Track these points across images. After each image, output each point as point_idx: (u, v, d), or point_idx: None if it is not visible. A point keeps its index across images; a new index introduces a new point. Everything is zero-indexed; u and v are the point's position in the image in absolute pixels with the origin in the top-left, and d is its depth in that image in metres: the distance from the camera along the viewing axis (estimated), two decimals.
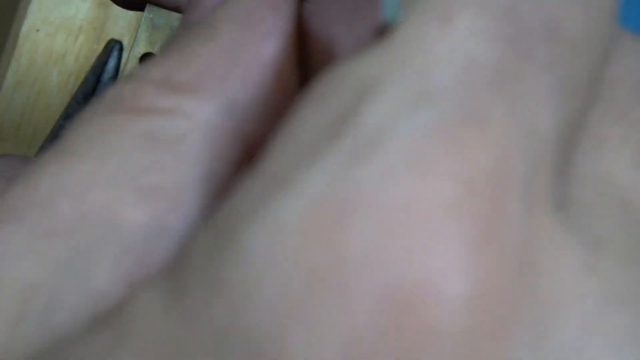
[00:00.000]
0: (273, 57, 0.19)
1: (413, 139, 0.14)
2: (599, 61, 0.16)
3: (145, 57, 0.34)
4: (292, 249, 0.14)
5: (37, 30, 0.53)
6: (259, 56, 0.18)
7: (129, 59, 0.34)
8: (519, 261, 0.14)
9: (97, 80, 0.51)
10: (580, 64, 0.16)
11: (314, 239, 0.13)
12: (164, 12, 0.34)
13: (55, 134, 0.51)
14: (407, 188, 0.14)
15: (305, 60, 0.19)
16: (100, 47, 0.52)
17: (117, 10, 0.46)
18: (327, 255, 0.13)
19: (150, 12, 0.34)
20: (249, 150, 0.18)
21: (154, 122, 0.18)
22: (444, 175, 0.14)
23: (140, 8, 0.34)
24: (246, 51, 0.18)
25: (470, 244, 0.13)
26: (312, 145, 0.14)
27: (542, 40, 0.15)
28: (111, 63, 0.51)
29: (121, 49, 0.52)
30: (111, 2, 0.47)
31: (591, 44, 0.16)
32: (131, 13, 0.44)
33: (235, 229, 0.14)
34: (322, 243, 0.13)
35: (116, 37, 0.52)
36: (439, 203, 0.14)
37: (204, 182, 0.17)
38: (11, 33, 0.53)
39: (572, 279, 0.15)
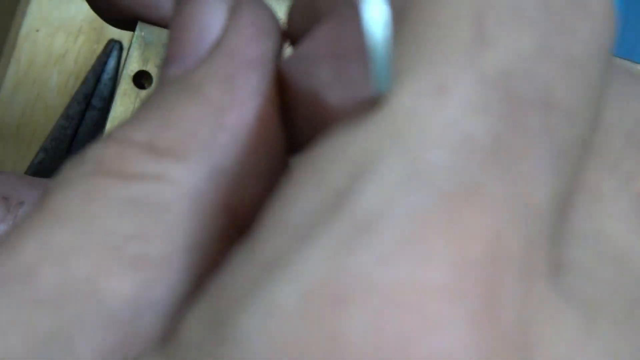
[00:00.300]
0: (258, 120, 0.18)
1: (407, 222, 0.14)
2: (592, 125, 0.16)
3: (139, 75, 0.34)
4: (289, 334, 0.13)
5: (37, 31, 0.53)
6: (243, 119, 0.18)
7: (122, 77, 0.34)
8: (517, 339, 0.14)
9: (97, 81, 0.51)
10: (574, 131, 0.15)
11: (310, 325, 0.13)
12: (156, 29, 0.34)
13: (55, 134, 0.51)
14: (403, 273, 0.13)
15: (289, 116, 0.19)
16: (100, 48, 0.53)
17: None
18: (324, 342, 0.13)
19: (142, 29, 0.34)
20: (236, 218, 0.18)
21: (139, 188, 0.17)
22: (439, 259, 0.14)
23: (131, 28, 0.34)
24: (231, 114, 0.18)
25: (467, 328, 0.13)
26: (307, 227, 0.14)
27: (536, 110, 0.15)
28: (111, 63, 0.51)
29: (121, 49, 0.52)
30: None
31: (584, 110, 0.16)
32: None
33: (231, 311, 0.14)
34: (319, 329, 0.13)
35: (116, 37, 0.52)
36: (435, 288, 0.13)
37: (190, 252, 0.17)
38: (11, 33, 0.53)
39: (570, 348, 0.14)
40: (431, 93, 0.15)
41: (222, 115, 0.18)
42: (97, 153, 0.17)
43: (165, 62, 0.19)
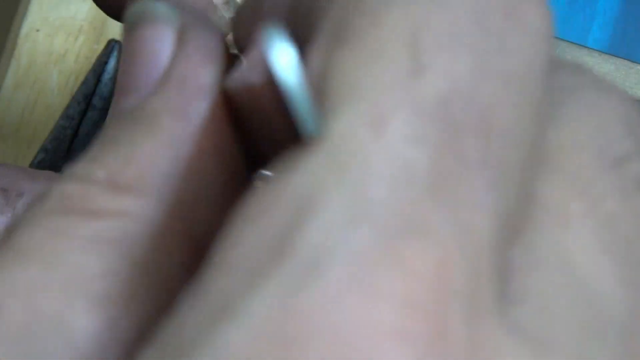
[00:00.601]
0: (215, 147, 0.18)
1: (352, 260, 0.14)
2: (531, 145, 0.16)
3: None
4: None
5: (37, 31, 0.53)
6: (201, 148, 0.18)
7: None
8: None
9: (97, 80, 0.51)
10: (513, 154, 0.15)
11: None
12: None
13: (55, 134, 0.51)
14: (351, 314, 0.14)
15: (244, 133, 0.19)
16: (100, 47, 0.53)
17: None
18: None
19: None
20: (198, 252, 0.18)
21: (101, 225, 0.17)
22: (386, 298, 0.14)
23: None
24: (188, 145, 0.18)
25: None
26: (253, 269, 0.14)
27: (475, 135, 0.15)
28: (111, 63, 0.51)
29: (121, 49, 0.52)
30: None
31: (525, 128, 0.16)
32: None
33: (181, 354, 0.14)
34: None
35: (116, 37, 0.52)
36: (382, 327, 0.13)
37: (155, 288, 0.17)
38: (11, 33, 0.53)
39: None
40: (370, 124, 0.15)
41: (179, 147, 0.18)
42: (60, 190, 0.18)
43: (118, 93, 0.19)
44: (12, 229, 0.18)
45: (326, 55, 0.15)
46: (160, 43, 0.19)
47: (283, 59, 0.15)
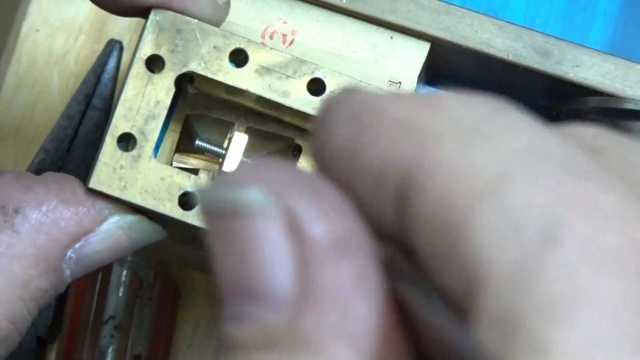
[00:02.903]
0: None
1: None
2: None
3: (151, 59, 0.34)
4: None
5: (37, 31, 0.53)
6: None
7: (135, 60, 0.34)
8: None
9: (97, 80, 0.51)
10: None
11: None
12: (170, 14, 0.34)
13: (55, 134, 0.51)
14: None
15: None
16: (100, 48, 0.52)
17: None
18: None
19: (157, 14, 0.34)
20: None
21: None
22: None
23: (141, 15, 0.34)
24: None
25: None
26: None
27: None
28: (111, 63, 0.51)
29: (121, 49, 0.52)
30: None
31: None
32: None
33: None
34: None
35: (116, 37, 0.52)
36: None
37: None
38: (11, 33, 0.53)
39: None
40: None
41: None
42: None
43: (229, 294, 0.17)
44: None
45: None
46: (271, 243, 0.17)
47: None
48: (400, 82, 0.39)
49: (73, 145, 0.50)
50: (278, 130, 0.37)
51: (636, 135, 0.39)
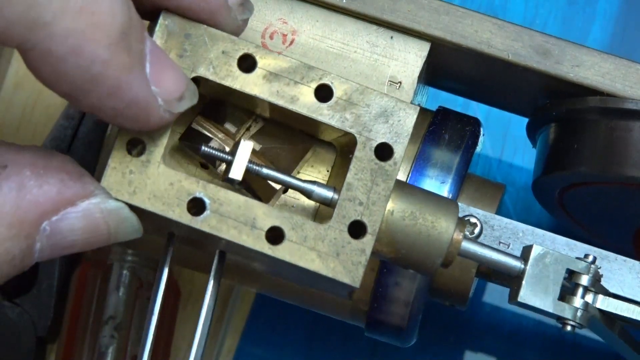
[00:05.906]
0: None
1: None
2: None
3: None
4: None
5: None
6: None
7: None
8: None
9: None
10: None
11: None
12: (178, 19, 0.34)
13: (55, 134, 0.51)
14: None
15: None
16: None
17: None
18: None
19: (166, 18, 0.34)
20: None
21: None
22: None
23: (148, 17, 0.34)
24: None
25: None
26: None
27: None
28: None
29: None
30: None
31: None
32: None
33: None
34: None
35: None
36: None
37: None
38: None
39: None
40: None
41: None
42: None
43: None
44: None
45: None
46: None
47: None
48: (400, 82, 0.39)
49: (73, 145, 0.51)
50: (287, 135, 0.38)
51: (636, 135, 0.39)
